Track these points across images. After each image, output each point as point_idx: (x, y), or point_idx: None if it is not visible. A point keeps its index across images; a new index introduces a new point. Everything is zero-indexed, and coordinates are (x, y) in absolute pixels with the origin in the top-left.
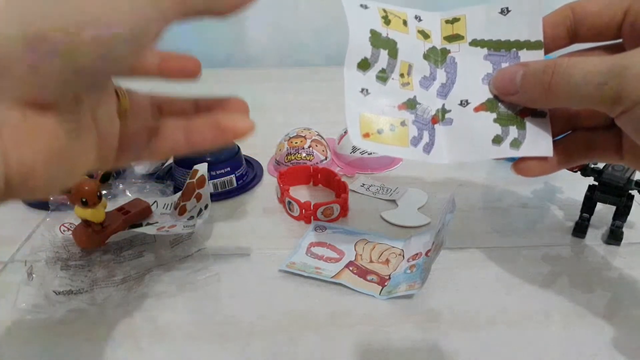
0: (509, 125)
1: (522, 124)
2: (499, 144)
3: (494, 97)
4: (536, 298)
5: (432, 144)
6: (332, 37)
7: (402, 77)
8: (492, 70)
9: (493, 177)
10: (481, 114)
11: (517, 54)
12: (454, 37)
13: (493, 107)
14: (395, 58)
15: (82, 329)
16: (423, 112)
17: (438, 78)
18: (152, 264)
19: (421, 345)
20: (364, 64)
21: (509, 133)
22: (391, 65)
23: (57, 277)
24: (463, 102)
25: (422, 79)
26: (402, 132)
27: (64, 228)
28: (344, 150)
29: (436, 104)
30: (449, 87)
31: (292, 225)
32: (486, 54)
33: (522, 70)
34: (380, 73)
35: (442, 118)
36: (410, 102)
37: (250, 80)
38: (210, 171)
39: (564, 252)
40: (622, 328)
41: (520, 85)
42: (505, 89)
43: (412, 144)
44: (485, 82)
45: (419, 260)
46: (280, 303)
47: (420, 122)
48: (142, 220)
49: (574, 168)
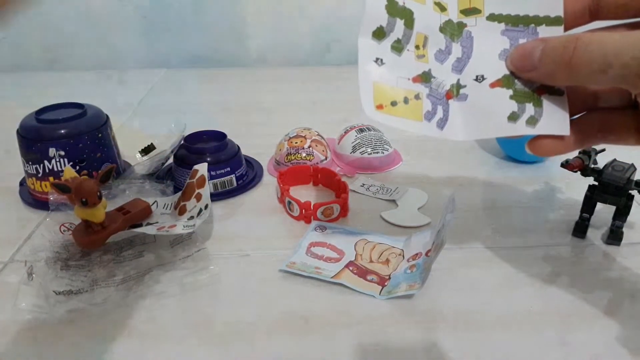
0: (525, 102)
1: (539, 101)
2: (515, 122)
3: (510, 73)
4: (536, 298)
5: (446, 119)
6: (332, 37)
7: (417, 49)
8: (509, 46)
9: (493, 177)
10: (497, 90)
11: (535, 30)
12: (471, 10)
13: (509, 84)
14: (411, 28)
15: (82, 329)
16: (438, 86)
17: (454, 52)
18: (152, 264)
19: (421, 345)
20: (380, 32)
21: (525, 110)
22: (407, 35)
23: (57, 277)
24: (479, 78)
25: (438, 52)
26: (416, 105)
27: (64, 228)
28: (344, 150)
29: (451, 79)
30: (465, 61)
31: (292, 225)
32: (504, 29)
33: (541, 45)
34: (396, 43)
35: (456, 93)
36: (425, 75)
37: (250, 80)
38: (210, 171)
39: (564, 252)
40: (623, 328)
41: (539, 61)
42: (523, 65)
43: (425, 118)
44: (502, 57)
45: (419, 260)
46: (280, 303)
47: (434, 96)
48: (142, 220)
49: (574, 168)
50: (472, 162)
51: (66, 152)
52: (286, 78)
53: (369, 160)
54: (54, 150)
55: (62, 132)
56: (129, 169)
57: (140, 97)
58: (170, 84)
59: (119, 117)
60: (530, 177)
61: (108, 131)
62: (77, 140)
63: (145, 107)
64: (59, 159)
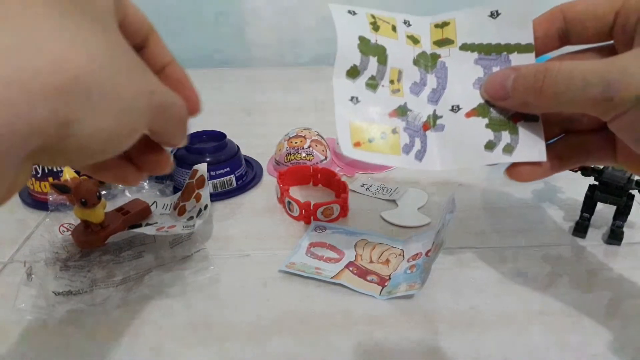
0: (501, 130)
1: (515, 128)
2: (492, 150)
3: (485, 102)
4: (536, 298)
5: (424, 150)
6: (332, 36)
7: (392, 84)
8: (483, 75)
9: (493, 177)
10: (473, 119)
11: (508, 58)
12: (443, 41)
13: (485, 112)
14: (384, 64)
15: (81, 329)
16: (414, 119)
17: (429, 83)
18: (151, 265)
19: (421, 345)
20: (353, 71)
21: (501, 138)
22: (381, 71)
23: (56, 278)
24: (454, 108)
25: (413, 84)
26: (394, 139)
27: (63, 228)
28: None
29: (427, 110)
30: (440, 92)
31: (292, 226)
32: (477, 58)
33: (513, 74)
34: (370, 80)
35: (433, 124)
36: (401, 109)
37: (250, 80)
38: (210, 171)
39: (564, 252)
40: (622, 328)
41: (512, 90)
42: (497, 94)
43: (404, 151)
44: (477, 86)
45: (419, 260)
46: (280, 303)
47: (411, 128)
48: (141, 220)
49: (574, 168)
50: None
51: None
52: (286, 78)
53: None
54: None
55: None
56: None
57: None
58: None
59: None
60: None
61: None
62: None
63: None
64: None
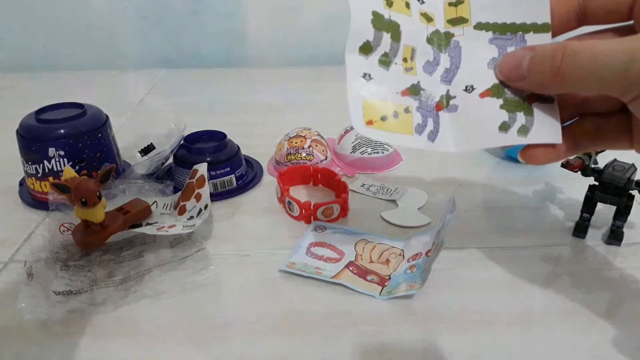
0: (516, 111)
1: (530, 110)
2: (506, 131)
3: (500, 82)
4: (536, 298)
5: (436, 131)
6: (332, 36)
7: (405, 62)
8: (497, 55)
9: (493, 177)
10: (487, 99)
11: (523, 37)
12: (457, 20)
13: (499, 93)
14: (398, 42)
15: (81, 329)
16: (427, 99)
17: (442, 63)
18: (151, 264)
19: (421, 345)
20: (366, 47)
21: (516, 119)
22: (394, 49)
23: (56, 278)
24: (468, 88)
25: (426, 63)
26: (406, 119)
27: (63, 228)
28: (344, 150)
29: (440, 90)
30: (453, 72)
31: (292, 225)
32: (491, 38)
33: (529, 54)
34: (383, 57)
35: (446, 104)
36: (413, 88)
37: (250, 80)
38: (210, 171)
39: (564, 252)
40: (622, 328)
41: (528, 70)
42: (512, 75)
43: (416, 131)
44: (491, 66)
45: (419, 260)
46: (280, 303)
47: (424, 108)
48: (141, 220)
49: (574, 168)
50: (472, 162)
51: (66, 152)
52: (286, 78)
53: (369, 160)
54: (53, 150)
55: (62, 132)
56: (129, 169)
57: (140, 97)
58: (170, 84)
59: (119, 117)
60: (530, 177)
61: (108, 131)
62: (77, 140)
63: (145, 107)
64: (59, 159)
